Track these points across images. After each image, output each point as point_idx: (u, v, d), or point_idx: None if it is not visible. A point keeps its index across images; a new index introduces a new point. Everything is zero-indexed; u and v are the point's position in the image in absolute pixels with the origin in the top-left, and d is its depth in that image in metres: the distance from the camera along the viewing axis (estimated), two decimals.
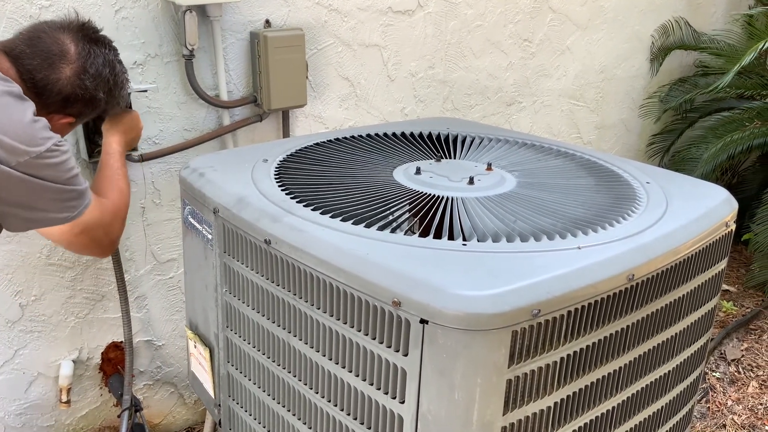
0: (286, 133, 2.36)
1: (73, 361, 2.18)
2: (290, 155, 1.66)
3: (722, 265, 1.49)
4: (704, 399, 2.77)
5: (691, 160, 3.63)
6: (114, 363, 2.26)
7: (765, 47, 3.16)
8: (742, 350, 3.10)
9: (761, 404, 2.75)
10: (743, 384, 2.88)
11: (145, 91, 1.99)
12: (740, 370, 2.97)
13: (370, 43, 2.51)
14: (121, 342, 2.24)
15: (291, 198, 1.37)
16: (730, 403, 2.76)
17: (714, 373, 2.94)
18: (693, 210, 1.41)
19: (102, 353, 2.24)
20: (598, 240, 1.24)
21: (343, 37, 2.43)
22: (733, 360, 3.03)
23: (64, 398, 2.13)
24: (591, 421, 1.26)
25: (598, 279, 1.14)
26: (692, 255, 1.33)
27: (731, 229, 1.47)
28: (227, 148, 2.25)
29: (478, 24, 2.82)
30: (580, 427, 1.24)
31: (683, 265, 1.32)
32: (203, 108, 2.18)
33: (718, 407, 2.73)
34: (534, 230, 1.27)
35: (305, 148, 1.73)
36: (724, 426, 2.62)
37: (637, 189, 1.53)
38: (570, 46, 3.20)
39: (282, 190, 1.41)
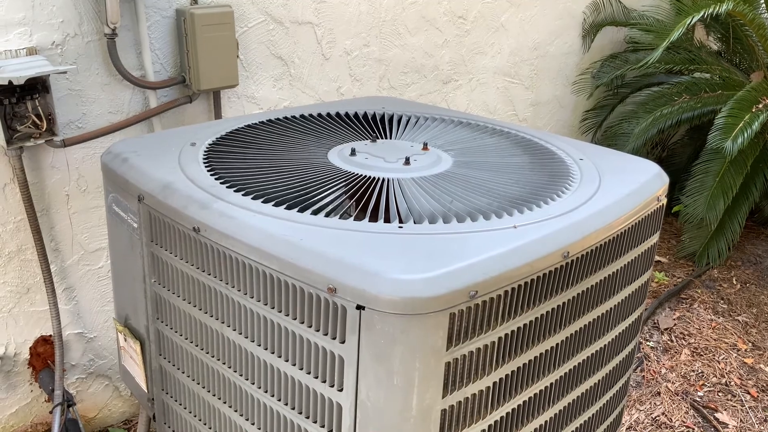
0: (217, 115, 2.30)
1: (0, 357, 2.08)
2: (220, 138, 1.60)
3: (654, 238, 1.52)
4: (639, 368, 2.85)
5: (623, 135, 3.71)
6: (43, 357, 2.17)
7: (692, 23, 3.24)
8: (674, 319, 3.20)
9: (693, 371, 2.85)
10: (676, 352, 2.97)
11: (65, 72, 1.90)
12: (673, 338, 3.07)
13: (303, 21, 2.45)
14: (50, 336, 2.15)
15: (220, 183, 1.32)
16: (664, 371, 2.85)
17: (648, 343, 3.02)
18: (625, 185, 1.42)
19: (30, 348, 2.15)
20: (534, 218, 1.23)
21: (274, 14, 2.36)
22: (666, 329, 3.13)
23: None
24: (530, 398, 1.27)
25: (534, 258, 1.14)
26: (625, 230, 1.35)
27: (663, 204, 1.50)
28: (155, 132, 2.17)
29: (412, 1, 2.79)
30: (519, 405, 1.24)
31: (617, 241, 1.33)
32: (128, 89, 2.09)
33: (652, 375, 2.81)
34: (470, 210, 1.25)
35: (236, 130, 1.67)
36: (659, 394, 2.71)
37: (571, 166, 1.54)
38: (504, 23, 3.21)
39: (211, 174, 1.36)
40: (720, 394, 2.72)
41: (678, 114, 3.56)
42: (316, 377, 1.12)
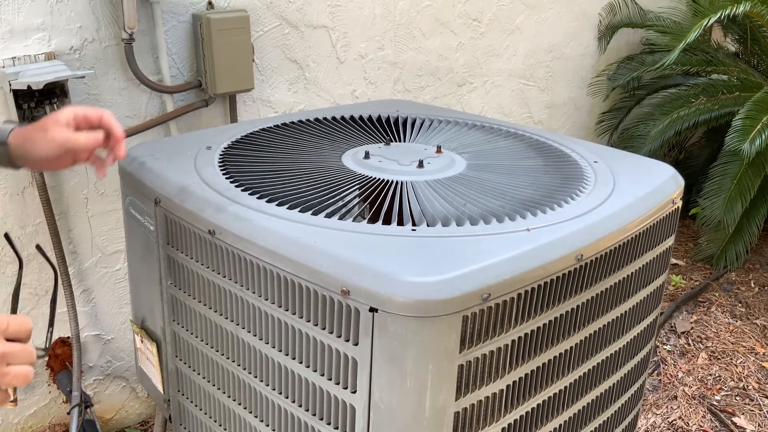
0: (233, 119, 2.31)
1: None
2: (235, 142, 1.61)
3: (670, 241, 1.51)
4: (656, 372, 2.83)
5: (639, 137, 3.69)
6: (61, 359, 2.20)
7: (709, 24, 3.21)
8: (691, 323, 3.18)
9: (711, 375, 2.82)
10: (693, 356, 2.95)
11: (83, 77, 1.92)
12: (690, 342, 3.04)
13: (317, 25, 2.47)
14: (68, 337, 2.18)
15: (236, 186, 1.33)
16: (680, 374, 2.82)
17: (665, 346, 3.00)
18: (640, 188, 1.41)
19: (48, 349, 2.17)
20: (547, 221, 1.23)
21: (289, 18, 2.38)
22: (683, 332, 3.10)
23: (11, 397, 2.06)
24: (544, 401, 1.26)
25: (548, 260, 1.14)
26: (640, 233, 1.34)
27: (678, 206, 1.49)
28: (172, 135, 2.19)
29: (427, 4, 2.79)
30: (533, 408, 1.24)
31: (631, 244, 1.33)
32: (145, 94, 2.12)
33: (669, 379, 2.79)
34: (483, 213, 1.26)
35: (251, 134, 1.69)
36: (675, 397, 2.69)
37: (585, 168, 1.53)
38: (519, 25, 3.20)
39: (226, 178, 1.37)
40: (737, 398, 2.69)
41: (695, 116, 3.53)
42: (330, 379, 1.13)
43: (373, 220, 1.22)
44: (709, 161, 3.74)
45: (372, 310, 1.03)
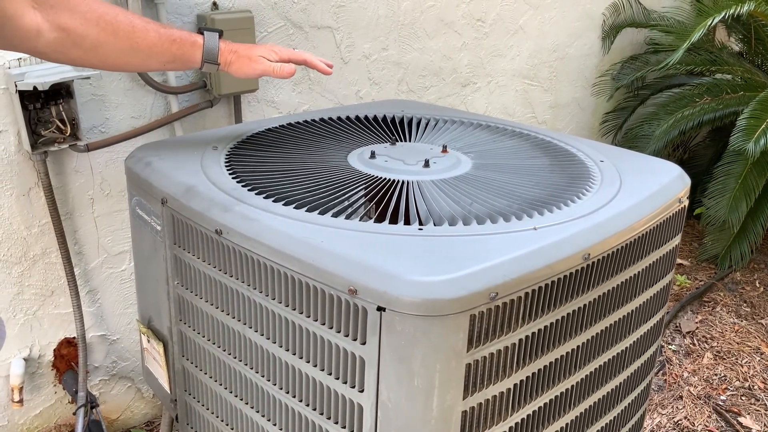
0: (238, 119, 2.32)
1: (24, 359, 2.11)
2: (241, 142, 1.62)
3: (676, 241, 1.51)
4: (661, 371, 2.83)
5: (644, 137, 3.68)
6: (67, 359, 2.20)
7: (713, 24, 3.21)
8: (696, 322, 3.17)
9: (716, 375, 2.82)
10: (698, 356, 2.94)
11: (88, 78, 1.92)
12: (695, 342, 3.04)
13: (322, 25, 2.47)
14: (74, 338, 2.18)
15: (242, 186, 1.33)
16: (686, 374, 2.82)
17: (670, 346, 3.00)
18: (646, 187, 1.41)
19: (54, 350, 2.18)
20: (554, 220, 1.23)
21: (294, 19, 2.38)
22: (688, 332, 3.10)
23: (17, 397, 2.07)
24: (551, 400, 1.26)
25: (555, 260, 1.14)
26: (647, 232, 1.34)
27: (684, 205, 1.49)
28: (177, 136, 2.19)
29: (430, 4, 2.79)
30: (540, 407, 1.24)
31: (638, 243, 1.33)
32: (150, 94, 2.12)
33: (674, 379, 2.79)
34: (490, 212, 1.26)
35: (257, 134, 1.69)
36: (681, 397, 2.68)
37: (591, 168, 1.53)
38: (523, 25, 3.20)
39: (233, 178, 1.38)
40: (743, 398, 2.69)
41: (699, 115, 3.52)
42: (337, 378, 1.13)
43: (379, 219, 1.22)
44: (713, 161, 3.74)
45: (379, 309, 1.03)
